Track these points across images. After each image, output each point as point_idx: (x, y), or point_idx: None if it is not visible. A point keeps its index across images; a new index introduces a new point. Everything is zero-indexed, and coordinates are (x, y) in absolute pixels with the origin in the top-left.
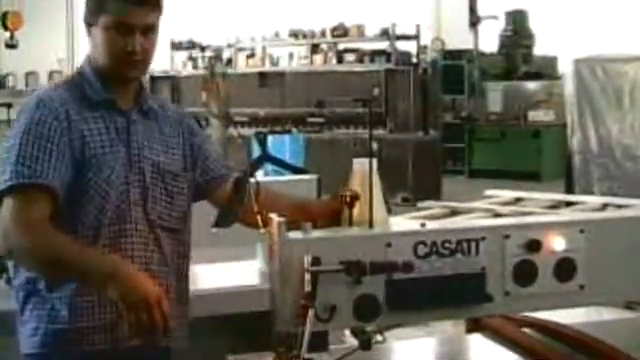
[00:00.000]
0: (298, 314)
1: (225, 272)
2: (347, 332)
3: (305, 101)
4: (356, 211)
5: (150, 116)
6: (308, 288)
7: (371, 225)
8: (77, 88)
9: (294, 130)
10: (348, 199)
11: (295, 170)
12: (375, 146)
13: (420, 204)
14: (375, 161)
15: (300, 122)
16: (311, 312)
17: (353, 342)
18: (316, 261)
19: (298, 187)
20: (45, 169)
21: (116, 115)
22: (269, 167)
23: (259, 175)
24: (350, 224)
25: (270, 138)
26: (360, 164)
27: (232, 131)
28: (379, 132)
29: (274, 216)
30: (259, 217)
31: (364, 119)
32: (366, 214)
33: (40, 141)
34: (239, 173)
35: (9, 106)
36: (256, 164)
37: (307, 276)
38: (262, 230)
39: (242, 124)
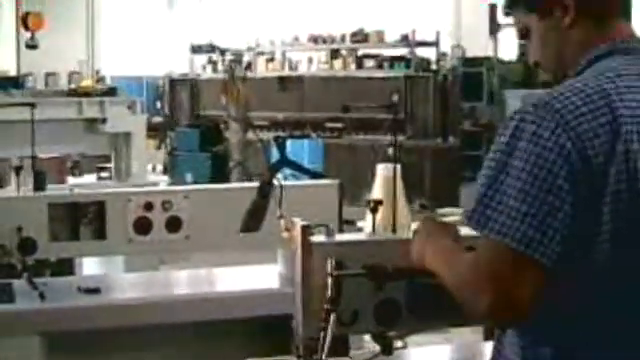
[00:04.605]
0: (320, 318)
1: (246, 275)
2: (366, 337)
3: (324, 106)
4: (379, 215)
5: None
6: (331, 292)
7: (394, 230)
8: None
9: (313, 135)
10: (372, 204)
11: (314, 175)
12: (391, 152)
13: (440, 210)
14: (399, 167)
15: (319, 127)
16: (333, 316)
17: (371, 347)
18: (339, 265)
19: (319, 192)
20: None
21: None
22: (287, 171)
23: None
24: (373, 229)
25: (289, 142)
26: (385, 169)
27: (251, 135)
28: (398, 138)
29: (297, 220)
30: (282, 221)
31: (383, 125)
32: (390, 218)
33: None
34: (264, 177)
35: (32, 106)
36: (275, 168)
37: (330, 280)
38: (285, 234)
39: (261, 128)
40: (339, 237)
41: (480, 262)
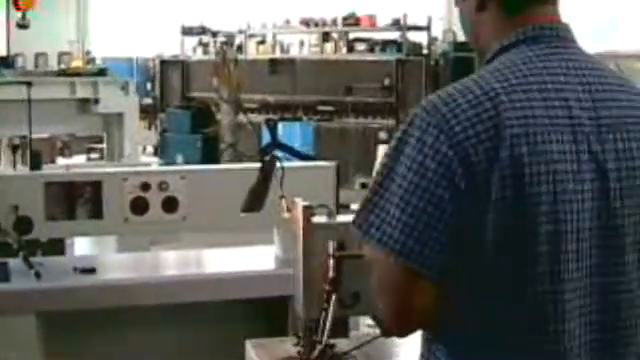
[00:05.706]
0: (321, 299)
1: (242, 256)
2: (362, 319)
3: (315, 89)
4: None
5: None
6: (332, 273)
7: None
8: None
9: (304, 118)
10: None
11: (305, 158)
12: (384, 136)
13: None
14: None
15: (310, 110)
16: (334, 297)
17: (368, 330)
18: (341, 246)
19: (315, 175)
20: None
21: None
22: (279, 154)
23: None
24: None
25: (280, 125)
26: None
27: (242, 117)
28: (390, 122)
29: (299, 200)
30: (283, 201)
31: (374, 109)
32: None
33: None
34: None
35: (29, 84)
36: (265, 151)
37: (331, 261)
38: (286, 215)
39: (252, 110)
40: (340, 217)
41: (373, 273)
